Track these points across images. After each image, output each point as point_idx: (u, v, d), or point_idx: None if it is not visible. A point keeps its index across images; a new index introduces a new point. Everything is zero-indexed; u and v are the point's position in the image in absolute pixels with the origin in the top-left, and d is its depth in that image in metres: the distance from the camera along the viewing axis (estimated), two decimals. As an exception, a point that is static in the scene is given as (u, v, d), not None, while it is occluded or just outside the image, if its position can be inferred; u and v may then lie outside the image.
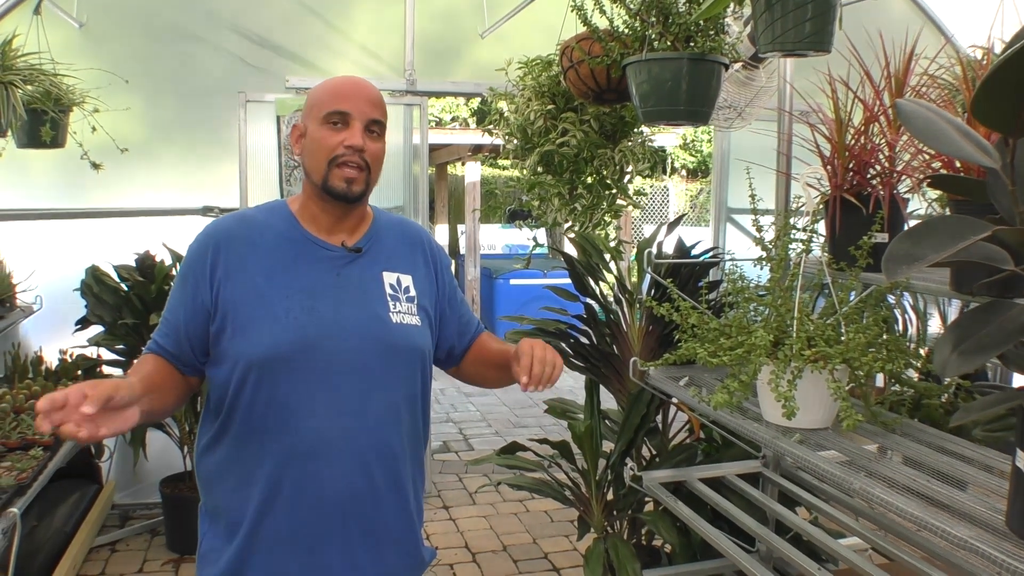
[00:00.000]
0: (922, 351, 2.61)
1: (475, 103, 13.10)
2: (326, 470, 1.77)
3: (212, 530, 1.85)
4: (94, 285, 4.14)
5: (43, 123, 3.56)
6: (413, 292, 1.91)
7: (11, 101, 2.94)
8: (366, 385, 1.79)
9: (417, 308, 1.90)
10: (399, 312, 1.85)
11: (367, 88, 1.83)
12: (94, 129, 3.82)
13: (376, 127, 1.81)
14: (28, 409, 3.55)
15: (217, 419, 1.81)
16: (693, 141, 16.44)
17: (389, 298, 1.86)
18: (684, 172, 17.28)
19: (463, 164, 11.95)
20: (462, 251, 11.78)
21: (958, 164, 1.74)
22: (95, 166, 3.84)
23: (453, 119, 12.39)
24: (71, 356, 4.26)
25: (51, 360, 4.27)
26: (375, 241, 1.91)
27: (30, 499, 2.85)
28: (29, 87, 3.34)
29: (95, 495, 4.35)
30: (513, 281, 10.68)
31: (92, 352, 4.29)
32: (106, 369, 4.36)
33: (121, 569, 4.16)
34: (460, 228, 13.36)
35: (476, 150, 11.20)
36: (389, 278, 1.88)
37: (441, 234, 12.98)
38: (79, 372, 4.15)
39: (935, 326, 3.03)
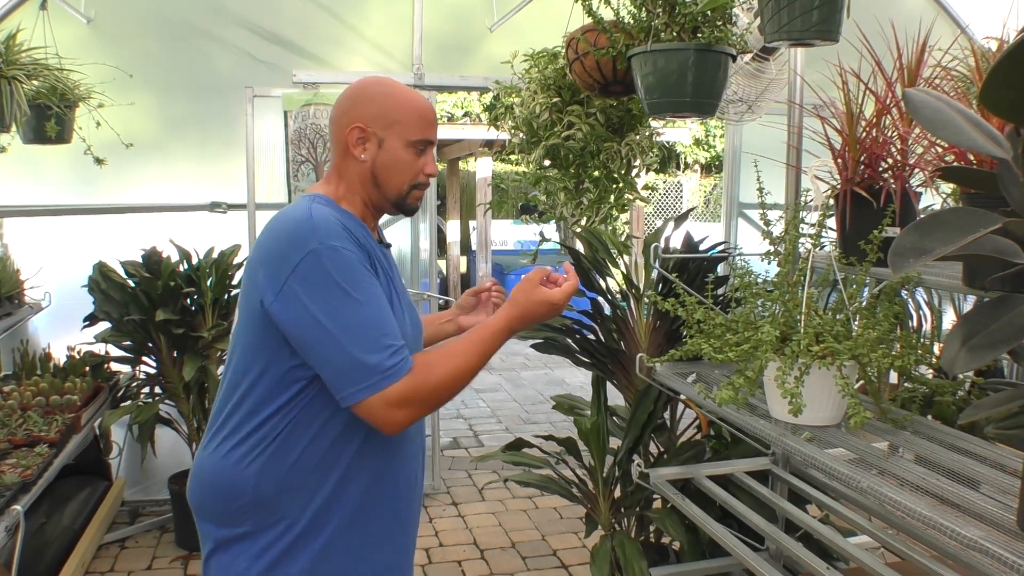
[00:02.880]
0: (936, 347, 2.58)
1: (487, 98, 13.07)
2: (410, 454, 1.90)
3: (270, 544, 1.74)
4: (101, 281, 4.13)
5: (48, 118, 3.54)
6: None
7: (14, 96, 2.92)
8: None
9: None
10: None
11: (433, 112, 1.90)
12: (99, 124, 3.81)
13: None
14: (35, 406, 3.55)
15: (310, 425, 1.74)
16: (707, 136, 16.36)
17: (407, 286, 2.00)
18: (698, 167, 17.21)
19: (475, 159, 11.92)
20: (474, 247, 11.76)
21: (971, 156, 1.71)
22: (99, 161, 3.84)
23: (465, 114, 12.38)
24: (79, 353, 4.26)
25: (59, 357, 4.27)
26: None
27: (35, 496, 2.85)
28: (34, 82, 3.32)
29: (104, 492, 4.34)
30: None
31: (100, 349, 4.28)
32: (114, 366, 4.36)
33: (130, 566, 4.15)
34: (472, 224, 13.33)
35: (487, 145, 11.17)
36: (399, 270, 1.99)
37: (453, 230, 12.95)
38: (87, 369, 4.15)
39: (950, 322, 2.99)
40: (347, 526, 1.78)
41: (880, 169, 2.02)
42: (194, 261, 4.32)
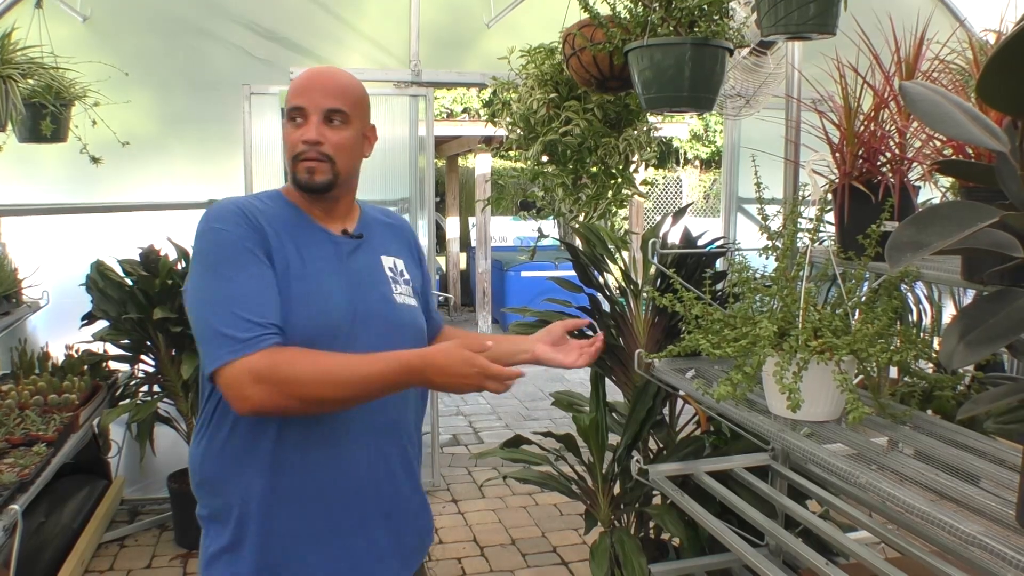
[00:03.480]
0: (935, 342, 2.57)
1: (486, 94, 13.03)
2: (347, 454, 1.78)
3: (219, 531, 1.79)
4: (99, 280, 4.12)
5: (43, 117, 3.53)
6: (407, 275, 1.95)
7: (10, 95, 2.91)
8: None
9: (412, 291, 1.94)
10: (400, 293, 1.89)
11: (326, 77, 1.81)
12: (95, 123, 3.80)
13: (337, 116, 1.79)
14: (33, 405, 3.54)
15: (229, 411, 1.74)
16: (706, 132, 16.34)
17: (391, 280, 1.89)
18: (697, 163, 17.19)
19: (474, 156, 11.90)
20: (473, 243, 11.75)
21: (969, 150, 1.70)
22: (94, 160, 3.83)
23: (464, 110, 12.34)
24: (77, 351, 4.25)
25: (57, 356, 4.26)
26: (367, 228, 1.94)
27: (33, 495, 2.84)
28: (30, 81, 3.31)
29: (104, 490, 4.34)
30: (524, 273, 10.66)
31: (98, 347, 4.28)
32: (112, 364, 4.36)
33: (130, 564, 4.15)
34: (471, 220, 13.32)
35: (486, 142, 11.15)
36: (387, 261, 1.92)
37: (452, 226, 12.94)
38: (85, 368, 4.14)
39: (950, 317, 2.98)
40: (279, 520, 1.75)
41: (878, 163, 2.01)
42: (192, 259, 4.31)
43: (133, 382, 4.40)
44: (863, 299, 1.96)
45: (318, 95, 1.77)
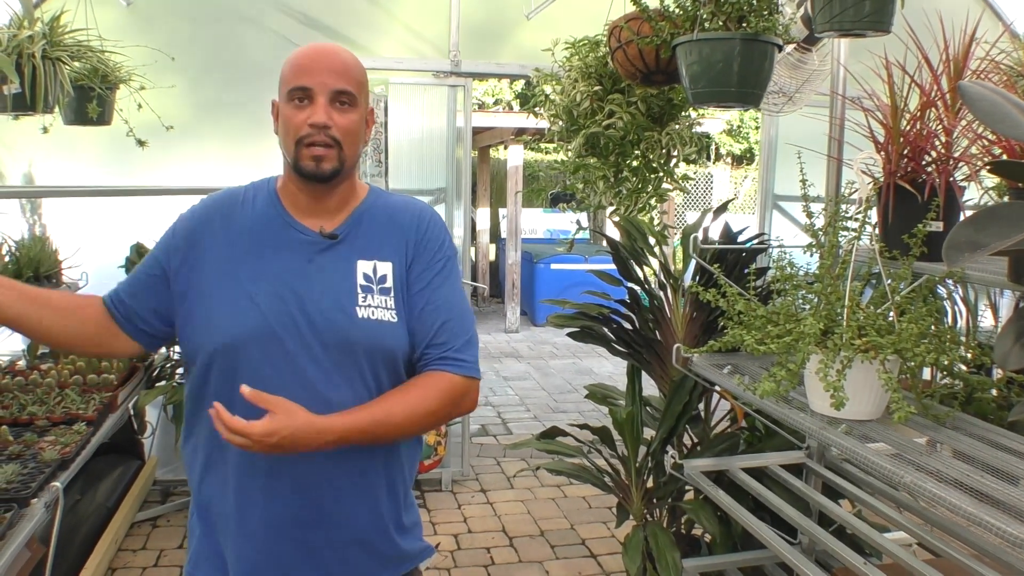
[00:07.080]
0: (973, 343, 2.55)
1: (519, 86, 13.02)
2: (282, 466, 1.69)
3: (200, 527, 1.82)
4: (138, 261, 4.15)
5: (90, 100, 3.57)
6: (389, 283, 1.74)
7: (58, 77, 2.94)
8: (323, 381, 1.67)
9: (395, 302, 1.73)
10: (369, 306, 1.70)
11: (331, 56, 1.71)
12: (140, 107, 3.84)
13: (345, 97, 1.69)
14: (72, 384, 3.59)
15: (195, 409, 1.76)
16: (740, 127, 16.26)
17: (360, 289, 1.70)
18: (730, 159, 17.11)
19: (506, 148, 11.90)
20: (503, 235, 11.76)
21: (1018, 149, 1.69)
22: (140, 143, 3.86)
23: (496, 102, 12.34)
24: (115, 332, 4.29)
25: (96, 336, 4.31)
26: (356, 226, 1.77)
27: (73, 473, 2.87)
28: (76, 64, 3.34)
29: (137, 471, 4.39)
30: (554, 266, 10.66)
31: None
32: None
33: (162, 544, 4.20)
34: (502, 212, 13.34)
35: (519, 133, 11.15)
36: (364, 267, 1.73)
37: (483, 218, 12.95)
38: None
39: (986, 319, 2.96)
40: (232, 526, 1.76)
41: (924, 162, 2.00)
42: (229, 243, 4.34)
43: (169, 364, 4.44)
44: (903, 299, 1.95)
45: (325, 75, 1.67)
